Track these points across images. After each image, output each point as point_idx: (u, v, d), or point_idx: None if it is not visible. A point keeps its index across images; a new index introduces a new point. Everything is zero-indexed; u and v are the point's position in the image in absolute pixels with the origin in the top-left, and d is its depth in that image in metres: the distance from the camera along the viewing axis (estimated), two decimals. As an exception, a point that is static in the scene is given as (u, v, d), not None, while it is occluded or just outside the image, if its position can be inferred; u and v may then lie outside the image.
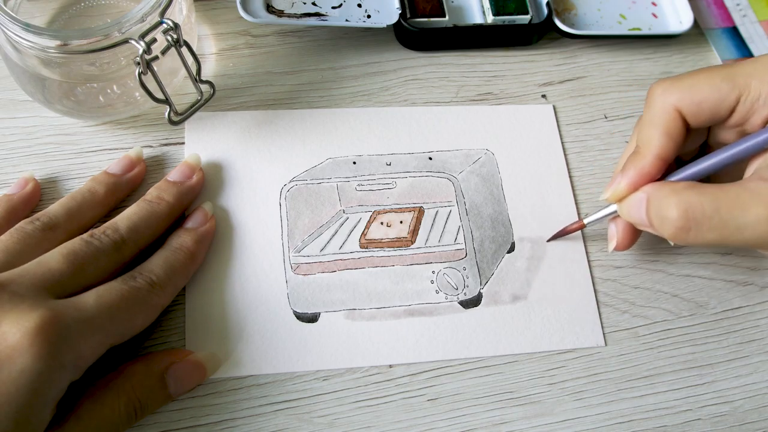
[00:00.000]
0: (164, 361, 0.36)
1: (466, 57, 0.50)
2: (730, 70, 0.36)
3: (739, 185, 0.34)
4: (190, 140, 0.43)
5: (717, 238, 0.34)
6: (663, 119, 0.36)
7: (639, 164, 0.37)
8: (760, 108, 0.35)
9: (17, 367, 0.29)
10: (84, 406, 0.32)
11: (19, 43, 0.38)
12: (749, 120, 0.36)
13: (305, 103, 0.46)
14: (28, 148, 0.42)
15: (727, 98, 0.35)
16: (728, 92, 0.35)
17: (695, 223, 0.34)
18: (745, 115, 0.36)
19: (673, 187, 0.35)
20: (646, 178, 0.37)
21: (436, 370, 0.39)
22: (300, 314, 0.39)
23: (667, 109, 0.36)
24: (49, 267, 0.33)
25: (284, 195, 0.42)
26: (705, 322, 0.42)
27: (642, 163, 0.37)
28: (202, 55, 0.47)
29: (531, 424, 0.39)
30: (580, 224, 0.42)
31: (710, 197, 0.33)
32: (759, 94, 0.35)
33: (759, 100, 0.35)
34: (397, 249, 0.41)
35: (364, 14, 0.47)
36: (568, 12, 0.51)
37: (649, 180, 0.37)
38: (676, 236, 0.35)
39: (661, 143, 0.36)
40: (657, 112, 0.37)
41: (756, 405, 0.41)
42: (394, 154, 0.44)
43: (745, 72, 0.35)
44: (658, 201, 0.35)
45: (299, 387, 0.38)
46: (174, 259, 0.37)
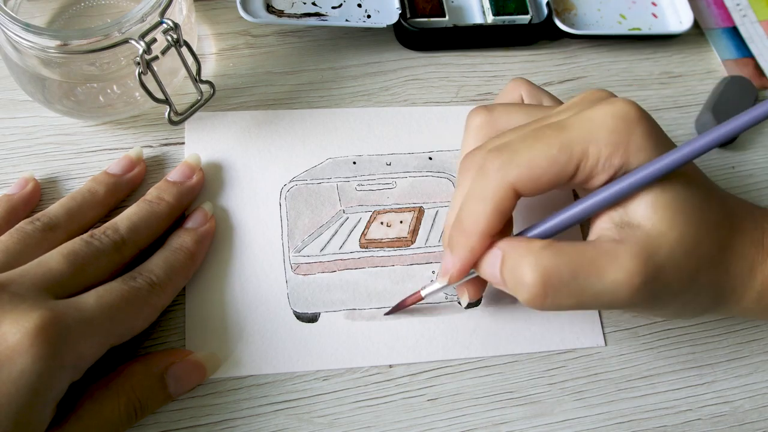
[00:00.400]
0: (164, 361, 0.36)
1: (466, 57, 0.50)
2: (565, 136, 0.33)
3: (595, 247, 0.32)
4: (190, 140, 0.43)
5: (574, 304, 0.32)
6: (497, 197, 0.33)
7: (468, 244, 0.34)
8: (599, 173, 0.33)
9: (17, 368, 0.29)
10: (84, 407, 0.33)
11: (19, 43, 0.38)
12: (589, 182, 0.34)
13: (305, 103, 0.46)
14: (28, 148, 0.42)
15: (566, 169, 0.33)
16: (566, 163, 0.33)
17: (553, 290, 0.32)
18: (584, 180, 0.33)
19: (529, 246, 0.33)
20: (477, 256, 0.34)
21: (436, 370, 0.39)
22: (300, 314, 0.39)
23: (503, 188, 0.33)
24: (50, 267, 0.33)
25: (284, 195, 0.42)
26: (705, 322, 0.42)
27: (470, 243, 0.34)
28: (202, 55, 0.47)
29: (531, 424, 0.39)
30: (417, 297, 0.39)
31: (567, 260, 0.32)
32: (596, 160, 0.32)
33: (597, 166, 0.33)
34: (397, 249, 0.41)
35: (364, 14, 0.47)
36: (568, 12, 0.51)
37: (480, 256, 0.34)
38: (531, 302, 0.32)
39: (489, 222, 0.33)
40: (491, 189, 0.33)
41: (756, 405, 0.41)
42: (394, 154, 0.44)
43: (581, 137, 0.33)
44: (514, 261, 0.33)
45: (299, 387, 0.38)
46: (174, 260, 0.37)
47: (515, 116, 0.38)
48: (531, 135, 0.34)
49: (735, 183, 0.47)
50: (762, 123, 0.49)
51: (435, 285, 0.38)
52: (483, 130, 0.38)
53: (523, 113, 0.38)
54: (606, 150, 0.32)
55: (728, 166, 0.48)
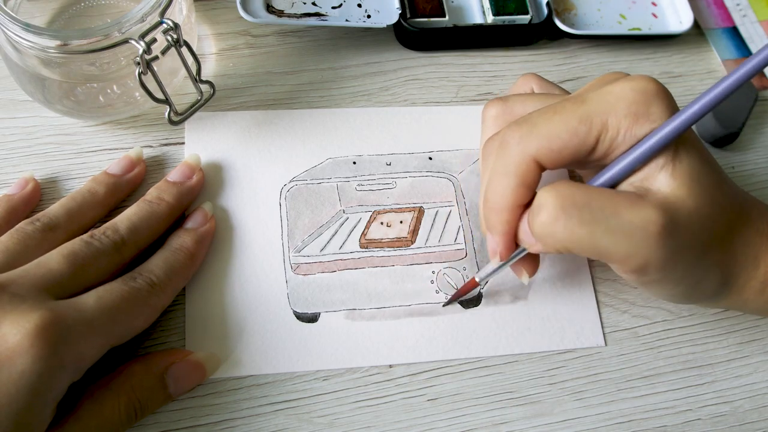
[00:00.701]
0: (164, 362, 0.36)
1: (466, 57, 0.50)
2: (585, 108, 0.33)
3: (614, 191, 0.33)
4: (190, 140, 0.43)
5: (587, 237, 0.32)
6: (520, 170, 0.34)
7: (502, 220, 0.35)
8: (619, 145, 0.33)
9: (17, 369, 0.29)
10: (84, 407, 0.33)
11: (19, 43, 0.38)
12: (609, 156, 0.34)
13: (305, 103, 0.46)
14: (28, 148, 0.42)
15: (586, 141, 0.33)
16: (586, 135, 0.33)
17: (565, 212, 0.32)
18: (605, 153, 0.34)
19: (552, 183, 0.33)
20: (514, 229, 0.35)
21: (436, 370, 0.39)
22: (300, 314, 0.39)
23: (526, 161, 0.34)
24: (50, 268, 0.33)
25: (284, 195, 0.42)
26: (705, 322, 0.42)
27: (503, 217, 0.35)
28: (202, 55, 0.47)
29: (531, 424, 0.39)
30: (473, 283, 0.39)
31: (583, 190, 0.32)
32: (617, 131, 0.33)
33: (617, 138, 0.33)
34: (397, 249, 0.41)
35: (364, 14, 0.47)
36: (568, 12, 0.51)
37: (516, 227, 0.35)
38: (545, 228, 0.32)
39: (516, 195, 0.34)
40: (514, 162, 0.34)
41: (756, 405, 0.41)
42: (394, 154, 0.44)
43: (600, 109, 0.33)
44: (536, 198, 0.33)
45: (299, 387, 0.38)
46: (174, 260, 0.37)
47: (530, 103, 0.38)
48: (550, 109, 0.34)
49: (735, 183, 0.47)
50: (762, 123, 0.49)
51: (489, 266, 0.38)
52: (499, 119, 0.39)
53: (537, 100, 0.38)
54: (626, 121, 0.33)
55: (728, 166, 0.48)
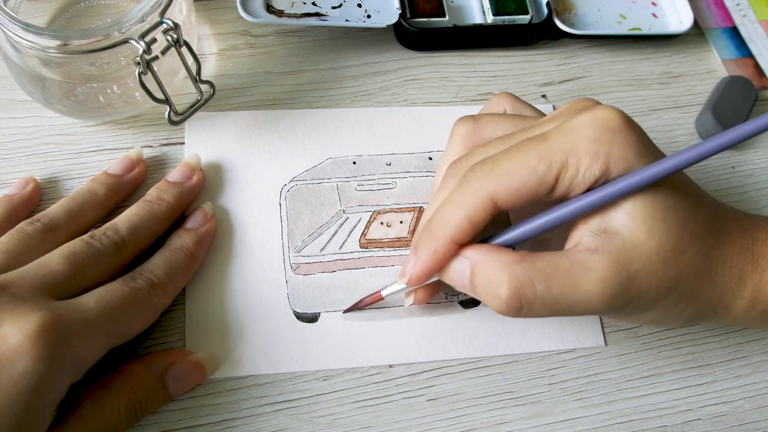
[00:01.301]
0: (164, 362, 0.36)
1: (466, 57, 0.50)
2: (545, 146, 0.32)
3: (568, 258, 0.32)
4: (190, 140, 0.43)
5: (547, 314, 0.33)
6: (472, 206, 0.33)
7: (433, 247, 0.34)
8: (579, 185, 0.32)
9: (18, 369, 0.29)
10: (84, 407, 0.32)
11: (19, 43, 0.38)
12: (569, 195, 0.33)
13: (305, 103, 0.46)
14: (28, 148, 0.42)
15: (545, 180, 0.32)
16: (545, 174, 0.32)
17: (527, 302, 0.32)
18: (565, 191, 0.33)
19: (501, 259, 0.33)
20: (441, 262, 0.34)
21: (436, 370, 0.39)
22: (300, 314, 0.39)
23: (481, 197, 0.33)
24: (50, 268, 0.33)
25: (284, 195, 0.42)
26: (705, 322, 0.42)
27: (436, 246, 0.34)
28: (202, 55, 0.47)
29: (531, 424, 0.39)
30: (378, 296, 0.39)
31: (541, 274, 0.32)
32: (577, 170, 0.32)
33: (577, 177, 0.32)
34: (397, 249, 0.41)
35: (364, 14, 0.47)
36: (568, 12, 0.51)
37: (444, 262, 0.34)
38: (506, 313, 0.33)
39: (460, 229, 0.33)
40: (470, 197, 0.33)
41: (756, 405, 0.41)
42: (394, 154, 0.45)
43: (560, 147, 0.32)
44: (486, 275, 0.33)
45: (299, 387, 0.38)
46: (174, 260, 0.37)
47: (500, 125, 0.38)
48: (513, 147, 0.33)
49: (735, 183, 0.47)
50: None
51: (394, 286, 0.38)
52: (468, 138, 0.38)
53: (507, 123, 0.38)
54: (585, 160, 0.32)
55: (728, 166, 0.48)
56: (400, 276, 0.36)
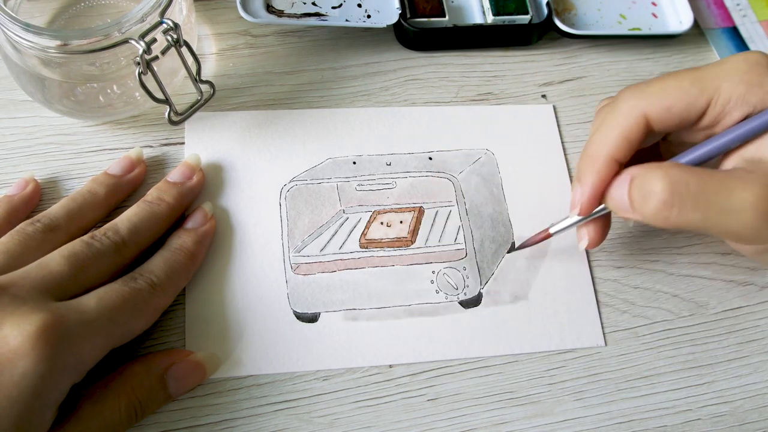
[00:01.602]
0: (164, 362, 0.36)
1: (466, 57, 0.50)
2: (698, 73, 0.35)
3: (725, 172, 0.33)
4: (190, 140, 0.43)
5: (700, 220, 0.33)
6: (626, 123, 0.35)
7: (595, 169, 0.35)
8: (731, 110, 0.34)
9: (19, 371, 0.29)
10: (84, 407, 0.32)
11: (19, 43, 0.38)
12: (720, 123, 0.35)
13: (305, 103, 0.46)
14: (28, 148, 0.42)
15: (697, 102, 0.34)
16: (698, 96, 0.34)
17: (680, 198, 0.32)
18: (715, 119, 0.34)
19: (659, 164, 0.34)
20: (605, 182, 0.35)
21: (436, 370, 0.39)
22: (300, 314, 0.39)
23: (634, 114, 0.35)
24: (50, 269, 0.33)
25: (284, 195, 0.42)
26: (705, 322, 0.42)
27: (597, 166, 0.35)
28: (202, 55, 0.47)
29: (531, 424, 0.39)
30: (546, 234, 0.40)
31: (696, 176, 0.33)
32: (729, 97, 0.34)
33: (730, 102, 0.34)
34: (397, 249, 0.41)
35: (364, 14, 0.47)
36: (568, 12, 0.51)
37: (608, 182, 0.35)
38: (657, 213, 0.33)
39: (616, 146, 0.35)
40: (622, 115, 0.35)
41: (756, 405, 0.41)
42: (394, 154, 0.44)
43: (714, 74, 0.34)
44: (643, 177, 0.34)
45: (299, 387, 0.38)
46: (174, 260, 0.37)
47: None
48: (666, 74, 0.35)
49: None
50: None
51: (566, 221, 0.39)
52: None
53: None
54: (740, 88, 0.33)
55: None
56: (571, 208, 0.37)
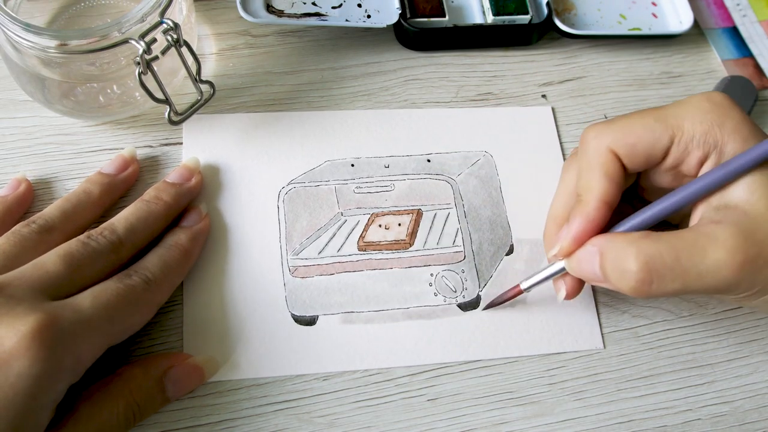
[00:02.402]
0: (162, 365, 0.36)
1: (466, 57, 0.50)
2: (661, 111, 0.35)
3: (693, 231, 0.33)
4: (188, 142, 0.43)
5: (679, 288, 0.33)
6: (600, 162, 0.35)
7: (584, 212, 0.35)
8: (694, 149, 0.34)
9: (14, 372, 0.29)
10: (82, 410, 0.32)
11: (19, 43, 0.38)
12: (684, 161, 0.35)
13: (305, 103, 0.46)
14: (28, 148, 0.42)
15: (661, 139, 0.35)
16: (662, 133, 0.35)
17: (657, 274, 0.33)
18: (679, 157, 0.35)
19: (627, 237, 0.34)
20: (593, 226, 0.35)
21: (436, 370, 0.39)
22: (298, 317, 0.39)
23: (602, 152, 0.35)
24: (46, 269, 0.33)
25: (282, 198, 0.42)
26: (705, 322, 0.42)
27: (587, 210, 0.35)
28: (202, 55, 0.47)
29: (531, 424, 0.39)
30: (517, 290, 0.39)
31: (668, 246, 0.33)
32: (692, 134, 0.34)
33: (693, 141, 0.34)
34: (395, 251, 0.41)
35: (364, 14, 0.47)
36: (568, 12, 0.51)
37: (597, 229, 0.35)
38: (636, 289, 0.33)
39: (602, 187, 0.35)
40: (593, 156, 0.36)
41: (756, 405, 0.41)
42: (392, 156, 0.44)
43: (676, 113, 0.35)
44: (614, 253, 0.34)
45: (299, 387, 0.38)
46: (169, 257, 0.37)
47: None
48: (630, 114, 0.36)
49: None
50: (762, 123, 0.49)
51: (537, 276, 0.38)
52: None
53: None
54: (701, 126, 0.34)
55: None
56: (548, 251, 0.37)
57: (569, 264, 0.36)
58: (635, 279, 0.33)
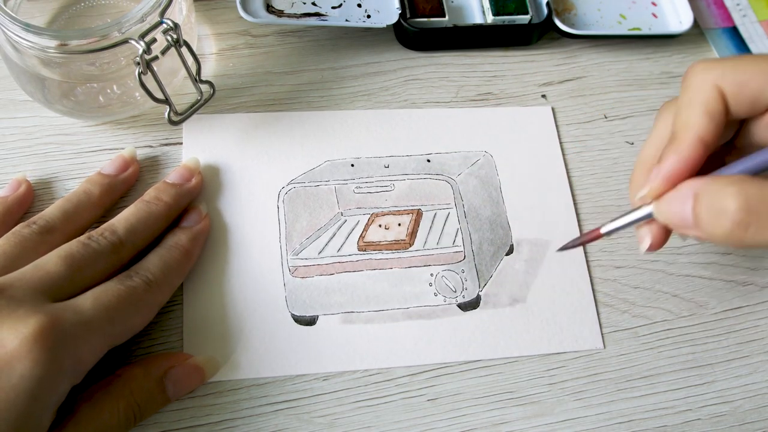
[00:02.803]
0: (163, 365, 0.36)
1: (466, 57, 0.50)
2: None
3: None
4: (188, 142, 0.43)
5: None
6: (703, 98, 0.32)
7: (678, 149, 0.32)
8: None
9: (17, 374, 0.29)
10: (83, 411, 0.32)
11: (19, 43, 0.38)
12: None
13: (305, 103, 0.46)
14: (28, 148, 0.42)
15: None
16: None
17: (757, 216, 0.29)
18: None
19: (728, 178, 0.30)
20: (688, 166, 0.32)
21: (436, 370, 0.39)
22: (298, 317, 0.39)
23: (707, 88, 0.32)
24: (47, 270, 0.33)
25: (282, 198, 0.42)
26: (705, 322, 0.42)
27: (681, 147, 0.32)
28: (202, 55, 0.47)
29: (531, 424, 0.39)
30: (597, 233, 0.36)
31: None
32: None
33: None
34: (395, 251, 0.41)
35: (364, 14, 0.47)
36: (568, 12, 0.51)
37: (691, 171, 0.32)
38: (731, 234, 0.29)
39: (702, 123, 0.32)
40: (696, 91, 0.32)
41: (756, 405, 0.41)
42: (392, 156, 0.44)
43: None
44: (712, 194, 0.30)
45: (299, 387, 0.38)
46: (169, 257, 0.37)
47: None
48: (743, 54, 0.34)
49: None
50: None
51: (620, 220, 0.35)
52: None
53: None
54: None
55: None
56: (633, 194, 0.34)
57: (658, 207, 0.33)
58: (732, 220, 0.29)
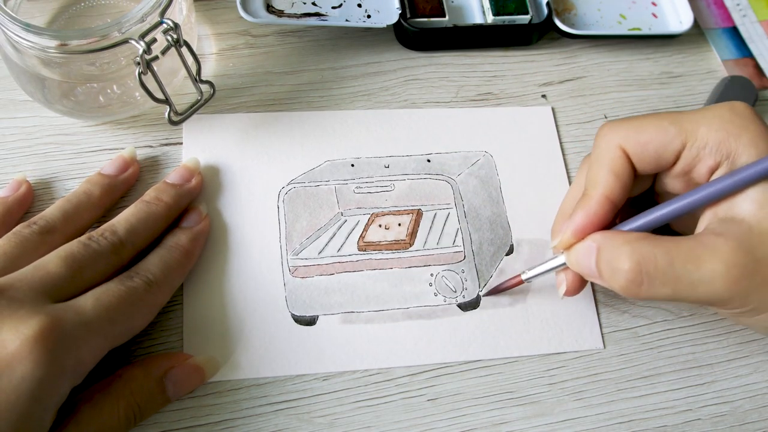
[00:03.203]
0: (163, 366, 0.36)
1: (466, 57, 0.50)
2: (678, 115, 0.35)
3: (693, 239, 0.33)
4: (188, 142, 0.43)
5: (669, 294, 0.33)
6: (608, 158, 0.35)
7: (586, 206, 0.35)
8: (705, 157, 0.34)
9: (17, 375, 0.29)
10: (83, 411, 0.32)
11: (19, 43, 0.38)
12: (695, 168, 0.35)
13: (305, 103, 0.46)
14: (28, 148, 0.42)
15: (673, 142, 0.34)
16: (674, 136, 0.34)
17: (648, 276, 0.32)
18: (690, 163, 0.34)
19: (625, 237, 0.34)
20: (595, 221, 0.35)
21: (436, 370, 0.39)
22: (298, 317, 0.39)
23: (612, 148, 0.35)
24: (48, 271, 0.33)
25: (282, 198, 0.42)
26: (705, 322, 0.42)
27: (589, 204, 0.35)
28: (202, 55, 0.47)
29: (531, 424, 0.39)
30: (518, 280, 0.39)
31: (663, 249, 0.32)
32: (706, 142, 0.34)
33: (705, 148, 0.34)
34: (395, 251, 0.41)
35: (364, 14, 0.47)
36: (568, 12, 0.51)
37: (599, 224, 0.35)
38: (626, 289, 0.33)
39: (607, 182, 0.35)
40: (602, 152, 0.36)
41: (756, 405, 0.41)
42: (392, 156, 0.44)
43: (694, 119, 0.34)
44: (609, 251, 0.34)
45: (299, 387, 0.38)
46: (170, 258, 0.37)
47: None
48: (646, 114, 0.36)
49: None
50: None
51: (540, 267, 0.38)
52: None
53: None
54: (717, 135, 0.33)
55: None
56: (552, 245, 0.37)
57: (568, 257, 0.36)
58: (625, 278, 0.33)
